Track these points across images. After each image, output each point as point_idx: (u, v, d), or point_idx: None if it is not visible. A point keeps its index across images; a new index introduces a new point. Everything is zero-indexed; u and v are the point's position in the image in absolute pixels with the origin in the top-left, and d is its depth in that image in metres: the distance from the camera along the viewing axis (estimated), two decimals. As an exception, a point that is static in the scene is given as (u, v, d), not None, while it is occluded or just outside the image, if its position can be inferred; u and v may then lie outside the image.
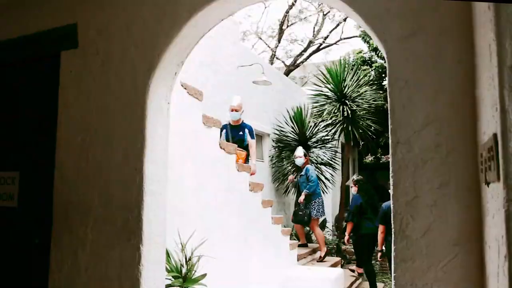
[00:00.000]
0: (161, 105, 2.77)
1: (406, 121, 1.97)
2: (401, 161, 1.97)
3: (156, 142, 2.72)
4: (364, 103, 8.95)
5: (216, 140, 4.30)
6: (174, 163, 3.62)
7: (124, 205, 2.64)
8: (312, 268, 6.27)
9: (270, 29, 21.28)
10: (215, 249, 4.18)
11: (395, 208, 1.96)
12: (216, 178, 4.30)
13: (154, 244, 2.66)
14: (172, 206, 3.56)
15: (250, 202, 4.99)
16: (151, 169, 2.66)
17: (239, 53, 8.23)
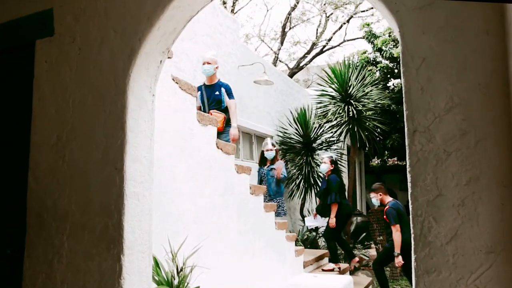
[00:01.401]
0: (145, 97, 2.48)
1: (425, 105, 1.66)
2: (420, 153, 1.65)
3: (140, 139, 2.42)
4: (370, 102, 8.63)
5: (212, 139, 3.99)
6: (165, 163, 3.32)
7: (103, 210, 2.34)
8: (319, 276, 5.93)
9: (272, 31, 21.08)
10: (213, 257, 3.87)
11: (414, 210, 1.64)
12: (213, 180, 3.99)
13: (138, 254, 2.35)
14: (163, 211, 3.27)
15: (251, 206, 4.67)
16: (134, 169, 2.36)
17: (240, 53, 7.95)
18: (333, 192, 6.71)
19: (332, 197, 6.72)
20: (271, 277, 5.09)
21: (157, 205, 3.24)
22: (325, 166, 6.98)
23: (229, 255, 4.18)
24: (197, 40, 6.64)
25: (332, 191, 6.73)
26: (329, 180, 6.86)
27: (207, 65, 5.31)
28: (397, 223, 6.03)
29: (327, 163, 6.97)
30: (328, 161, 6.97)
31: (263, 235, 4.91)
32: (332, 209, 6.72)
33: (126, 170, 2.31)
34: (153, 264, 2.79)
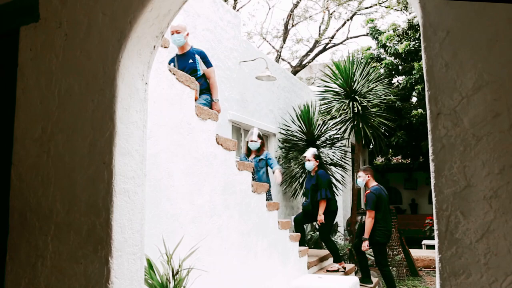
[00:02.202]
0: (136, 86, 2.27)
1: (450, 84, 1.45)
2: (445, 139, 1.44)
3: (130, 131, 2.21)
4: (375, 98, 8.40)
5: (212, 134, 3.79)
6: (160, 159, 3.12)
7: (90, 208, 2.13)
8: (324, 277, 5.72)
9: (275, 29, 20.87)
10: (213, 259, 3.67)
11: (439, 203, 1.43)
12: (213, 177, 3.78)
13: (128, 256, 2.15)
14: (159, 210, 3.07)
15: (253, 204, 4.46)
16: (124, 163, 2.16)
17: (241, 48, 7.74)
18: (323, 188, 6.54)
19: (323, 193, 6.53)
20: (274, 279, 4.89)
21: (152, 204, 3.04)
22: (310, 164, 6.74)
23: (231, 257, 3.98)
24: (197, 34, 6.43)
25: (322, 186, 6.55)
26: (318, 176, 6.66)
27: (176, 35, 4.75)
28: (373, 209, 6.14)
29: (312, 160, 6.74)
30: (312, 158, 6.74)
31: (266, 235, 4.71)
32: (321, 205, 6.53)
33: (115, 165, 2.11)
34: (147, 266, 2.58)
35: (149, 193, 3.02)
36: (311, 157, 6.73)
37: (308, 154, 6.80)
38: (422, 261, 9.74)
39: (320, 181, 6.59)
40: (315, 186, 6.64)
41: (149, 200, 3.03)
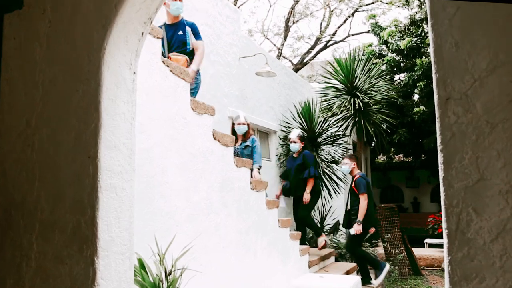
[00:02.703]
0: (124, 75, 2.14)
1: (461, 65, 1.31)
2: (456, 127, 1.31)
3: (117, 122, 2.09)
4: (377, 94, 8.26)
5: (208, 129, 3.66)
6: (154, 154, 3.00)
7: (75, 206, 2.01)
8: (325, 276, 5.59)
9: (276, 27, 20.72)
10: (211, 258, 3.55)
11: (448, 199, 1.30)
12: (210, 174, 3.66)
13: (115, 256, 2.02)
14: (152, 207, 2.94)
15: (252, 202, 4.34)
16: (110, 157, 2.03)
17: (241, 44, 7.60)
18: (311, 166, 6.57)
19: (311, 171, 6.52)
20: (274, 278, 4.76)
21: (145, 201, 2.92)
22: (296, 146, 6.74)
23: (229, 255, 3.85)
24: (195, 29, 6.30)
25: (310, 165, 6.58)
26: (304, 156, 6.70)
27: (179, 2, 4.38)
28: (366, 192, 6.17)
29: (297, 142, 6.74)
30: (297, 140, 6.73)
31: (265, 233, 4.58)
32: (309, 184, 6.52)
33: (101, 159, 1.98)
34: (138, 266, 2.46)
35: (142, 190, 2.90)
36: (296, 138, 6.74)
37: (293, 136, 6.77)
38: (424, 260, 9.61)
39: (306, 160, 6.63)
40: (300, 166, 6.64)
41: (142, 197, 2.90)
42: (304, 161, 6.65)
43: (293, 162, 6.87)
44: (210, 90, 6.53)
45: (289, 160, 7.10)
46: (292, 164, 6.85)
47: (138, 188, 2.86)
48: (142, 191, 2.90)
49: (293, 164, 6.83)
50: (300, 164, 6.66)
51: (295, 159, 6.84)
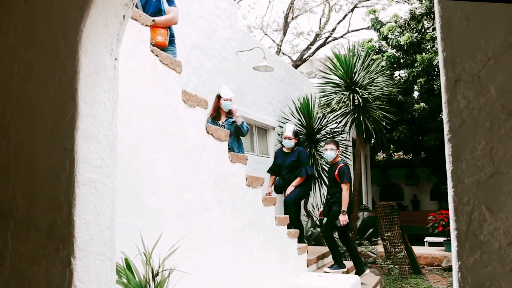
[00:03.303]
0: (104, 61, 1.99)
1: (472, 42, 1.16)
2: (466, 113, 1.16)
3: (97, 112, 1.93)
4: (376, 90, 8.10)
5: (201, 123, 3.50)
6: (142, 149, 2.85)
7: (51, 202, 1.85)
8: (324, 275, 5.45)
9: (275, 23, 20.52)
10: (203, 256, 3.40)
11: (458, 195, 1.15)
12: (203, 170, 3.51)
13: (95, 256, 1.87)
14: (141, 204, 2.80)
15: (247, 199, 4.19)
16: (89, 149, 1.88)
17: (238, 38, 7.44)
18: (307, 165, 6.43)
19: (308, 170, 6.36)
20: (271, 277, 4.62)
21: (133, 197, 2.77)
22: (291, 142, 6.47)
23: (223, 254, 3.70)
24: (191, 22, 6.14)
25: (306, 163, 6.42)
26: (299, 152, 6.46)
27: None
28: (349, 181, 6.06)
29: (292, 139, 6.49)
30: (292, 136, 6.49)
31: (262, 231, 4.43)
32: (298, 180, 6.33)
33: (78, 151, 1.83)
34: (125, 267, 2.31)
35: (130, 186, 2.75)
36: (291, 135, 6.49)
37: (289, 133, 6.51)
38: (424, 259, 9.47)
39: (301, 157, 6.41)
40: (294, 163, 6.40)
41: (130, 194, 2.75)
42: (299, 158, 6.42)
43: (284, 157, 6.54)
44: (206, 85, 6.38)
45: (278, 155, 6.72)
46: (284, 159, 6.52)
47: (126, 184, 2.72)
48: (130, 187, 2.75)
49: (285, 160, 6.51)
50: (294, 161, 6.41)
51: (287, 155, 6.53)
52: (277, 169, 6.62)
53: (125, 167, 2.71)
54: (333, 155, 6.20)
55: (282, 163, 6.52)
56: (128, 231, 2.61)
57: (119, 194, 2.65)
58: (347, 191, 6.00)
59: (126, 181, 2.70)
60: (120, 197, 2.64)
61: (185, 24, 5.99)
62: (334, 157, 6.22)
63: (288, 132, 6.53)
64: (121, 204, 2.64)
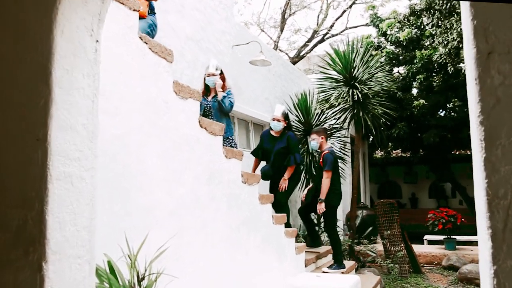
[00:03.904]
0: (83, 43, 1.79)
1: (509, 8, 0.97)
2: (502, 91, 0.97)
3: (74, 99, 1.73)
4: (376, 85, 7.91)
5: (194, 115, 3.31)
6: (130, 142, 2.65)
7: (21, 199, 1.65)
8: (323, 276, 5.27)
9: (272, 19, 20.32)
10: (196, 257, 3.21)
11: (492, 187, 0.96)
12: (196, 166, 3.31)
13: (70, 260, 1.67)
14: (128, 201, 2.60)
15: (243, 197, 4.00)
16: (64, 140, 1.68)
17: (234, 32, 7.24)
18: (296, 153, 5.93)
19: (297, 158, 5.91)
20: (268, 278, 4.43)
21: (120, 194, 2.58)
22: (279, 125, 5.92)
23: (217, 255, 3.51)
24: (185, 14, 5.94)
25: (295, 151, 5.93)
26: (289, 138, 5.94)
27: None
28: (331, 169, 5.84)
29: (281, 121, 5.92)
30: (282, 118, 5.92)
31: (258, 230, 4.24)
32: (289, 171, 5.90)
33: (52, 142, 1.63)
34: (107, 271, 2.11)
35: (115, 181, 2.55)
36: (280, 116, 5.95)
37: (278, 113, 5.97)
38: (424, 257, 9.31)
39: (291, 143, 5.93)
40: (284, 149, 5.92)
41: (115, 190, 2.56)
42: (288, 145, 5.92)
43: (273, 142, 6.02)
44: (201, 79, 6.17)
45: (265, 138, 6.15)
46: (273, 145, 6.01)
47: (111, 179, 2.52)
48: (115, 182, 2.56)
49: (273, 145, 6.00)
50: (284, 147, 5.92)
51: (275, 140, 6.01)
52: (263, 153, 6.14)
53: (110, 161, 2.51)
54: (315, 144, 6.09)
55: (270, 149, 6.03)
56: (113, 231, 2.42)
57: (103, 190, 2.45)
58: (328, 178, 5.80)
59: (111, 176, 2.51)
60: (104, 193, 2.44)
61: (180, 16, 5.79)
62: (319, 146, 6.10)
63: (277, 112, 6.01)
64: (105, 201, 2.45)
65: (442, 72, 11.92)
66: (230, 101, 5.21)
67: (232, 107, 5.25)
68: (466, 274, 7.45)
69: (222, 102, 5.13)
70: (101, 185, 2.43)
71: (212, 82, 5.25)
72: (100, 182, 2.41)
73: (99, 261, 2.12)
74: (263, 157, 6.16)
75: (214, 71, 5.25)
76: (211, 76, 5.24)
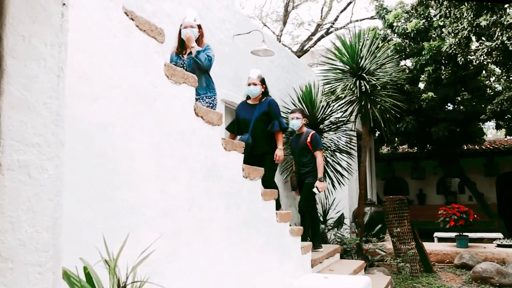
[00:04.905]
0: (45, 5, 1.47)
1: None
2: None
3: (33, 72, 1.42)
4: (385, 76, 7.57)
5: (189, 103, 2.99)
6: (114, 131, 2.34)
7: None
8: (330, 277, 4.95)
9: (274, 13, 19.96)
10: (192, 260, 2.90)
11: None
12: (191, 159, 3.00)
13: (28, 269, 1.36)
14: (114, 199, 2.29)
15: (244, 193, 3.68)
16: (20, 122, 1.37)
17: (235, 20, 6.91)
18: (281, 117, 5.34)
19: (282, 122, 5.28)
20: (271, 280, 4.11)
21: (102, 191, 2.26)
22: (256, 89, 5.29)
23: (216, 257, 3.20)
24: (183, 0, 5.62)
25: (278, 115, 5.30)
26: (269, 103, 5.29)
27: None
28: (322, 148, 6.02)
29: (258, 85, 5.29)
30: (258, 82, 5.30)
31: (261, 229, 3.93)
32: (279, 138, 5.28)
33: (2, 123, 1.32)
34: (80, 279, 1.80)
35: (96, 176, 2.24)
36: (257, 80, 5.31)
37: (254, 76, 5.32)
38: (435, 255, 8.97)
39: (272, 109, 5.28)
40: (265, 116, 5.26)
41: (97, 186, 2.24)
42: (269, 110, 5.25)
43: (251, 110, 5.33)
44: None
45: (242, 108, 5.47)
46: (251, 113, 5.31)
47: (90, 173, 2.20)
48: (97, 177, 2.24)
49: (252, 112, 5.30)
50: (265, 113, 5.25)
51: (254, 107, 5.33)
52: (240, 126, 5.42)
53: (91, 153, 2.20)
54: (299, 124, 6.04)
55: (248, 118, 5.31)
56: (93, 232, 2.10)
57: (82, 186, 2.14)
58: (321, 157, 5.91)
59: (90, 170, 2.19)
60: (83, 190, 2.13)
61: (176, 2, 5.48)
62: (300, 126, 6.07)
63: (252, 75, 5.33)
64: (84, 199, 2.14)
65: (451, 64, 11.55)
66: (207, 56, 4.41)
67: (210, 62, 4.45)
68: (480, 273, 7.10)
69: (197, 58, 4.37)
70: (80, 181, 2.12)
71: (184, 35, 4.46)
72: (78, 177, 2.10)
73: (75, 268, 1.81)
74: (240, 131, 5.42)
75: (192, 22, 4.50)
76: (188, 28, 4.48)
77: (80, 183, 2.12)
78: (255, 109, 5.30)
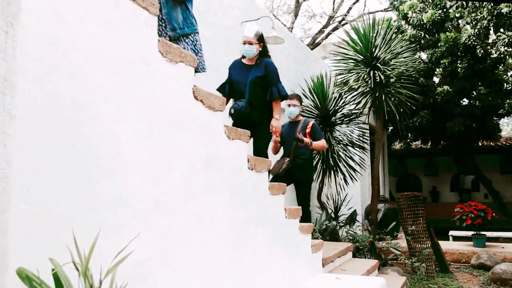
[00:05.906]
0: None
1: None
2: None
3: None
4: (400, 66, 7.18)
5: (187, 84, 2.67)
6: (98, 112, 2.03)
7: None
8: (343, 277, 4.61)
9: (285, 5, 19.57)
10: (189, 260, 2.59)
11: None
12: (189, 147, 2.68)
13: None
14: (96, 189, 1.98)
15: (250, 186, 3.36)
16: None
17: (243, 5, 6.58)
18: (279, 83, 4.60)
19: (281, 89, 4.59)
20: (278, 280, 3.79)
21: (81, 180, 1.95)
22: (253, 49, 4.60)
23: (217, 256, 2.88)
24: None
25: (277, 81, 4.59)
26: (266, 65, 4.59)
27: None
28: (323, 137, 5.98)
29: (255, 44, 4.60)
30: (255, 41, 4.60)
31: (268, 226, 3.60)
32: (277, 107, 4.60)
33: None
34: (44, 283, 1.49)
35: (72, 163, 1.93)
36: (254, 38, 4.62)
37: (249, 33, 4.61)
38: (451, 255, 8.60)
39: (269, 72, 4.58)
40: (262, 80, 4.57)
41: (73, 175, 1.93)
42: (266, 74, 4.56)
43: (246, 72, 4.65)
44: (206, 58, 5.54)
45: (236, 68, 4.79)
46: (246, 74, 4.63)
47: (68, 160, 1.89)
48: (74, 164, 1.93)
49: (246, 74, 4.62)
50: (261, 77, 4.55)
51: (249, 69, 4.64)
52: (232, 88, 4.75)
53: (66, 136, 1.89)
54: (296, 112, 5.72)
55: (241, 81, 4.64)
56: (68, 228, 1.80)
57: (55, 174, 1.83)
58: (324, 141, 5.83)
59: (67, 156, 1.88)
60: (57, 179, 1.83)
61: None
62: (297, 114, 5.77)
63: (247, 33, 4.61)
64: (57, 190, 1.83)
65: (468, 57, 11.11)
66: None
67: None
68: (500, 274, 6.72)
69: None
70: (51, 168, 1.81)
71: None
72: (49, 164, 1.79)
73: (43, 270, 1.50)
74: (232, 93, 4.77)
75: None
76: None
77: (52, 171, 1.81)
78: (251, 71, 4.63)
